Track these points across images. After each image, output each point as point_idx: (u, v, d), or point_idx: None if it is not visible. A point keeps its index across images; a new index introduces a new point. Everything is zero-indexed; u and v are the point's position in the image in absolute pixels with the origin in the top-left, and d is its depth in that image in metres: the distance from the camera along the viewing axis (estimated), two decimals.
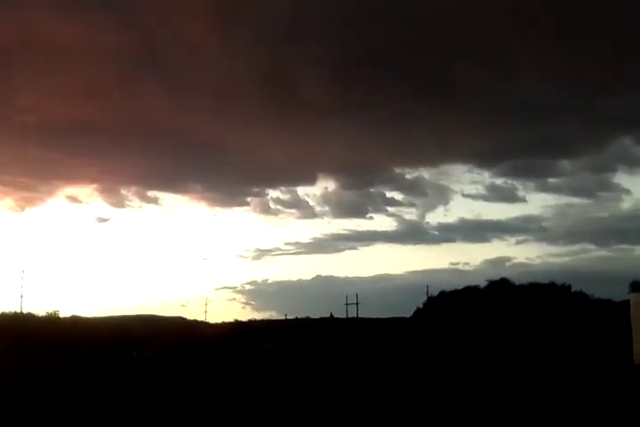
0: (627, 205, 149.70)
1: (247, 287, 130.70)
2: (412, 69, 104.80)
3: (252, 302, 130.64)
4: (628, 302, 53.64)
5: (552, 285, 73.59)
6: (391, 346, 71.88)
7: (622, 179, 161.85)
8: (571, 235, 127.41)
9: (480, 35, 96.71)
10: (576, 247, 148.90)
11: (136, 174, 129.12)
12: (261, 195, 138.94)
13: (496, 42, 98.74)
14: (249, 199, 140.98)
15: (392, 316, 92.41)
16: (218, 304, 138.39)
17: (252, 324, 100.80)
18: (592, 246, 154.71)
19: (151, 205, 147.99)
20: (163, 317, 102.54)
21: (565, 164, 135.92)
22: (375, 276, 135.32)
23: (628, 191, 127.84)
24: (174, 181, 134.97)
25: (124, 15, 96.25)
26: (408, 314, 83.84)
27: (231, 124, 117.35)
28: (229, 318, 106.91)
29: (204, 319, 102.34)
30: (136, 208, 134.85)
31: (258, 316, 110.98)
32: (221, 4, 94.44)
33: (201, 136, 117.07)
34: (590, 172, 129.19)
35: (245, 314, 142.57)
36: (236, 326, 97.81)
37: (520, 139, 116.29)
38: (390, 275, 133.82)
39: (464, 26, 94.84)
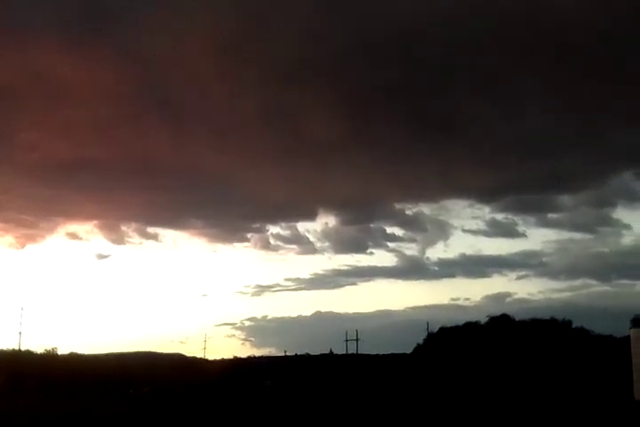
0: (627, 240, 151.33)
1: (247, 324, 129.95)
2: (412, 106, 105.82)
3: (252, 339, 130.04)
4: (628, 337, 53.11)
5: (553, 320, 72.79)
6: (391, 384, 70.95)
7: (622, 214, 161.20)
8: (571, 270, 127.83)
9: (481, 69, 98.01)
10: (577, 282, 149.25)
11: (136, 211, 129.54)
12: (261, 231, 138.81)
13: (497, 77, 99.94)
14: (249, 235, 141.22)
15: (392, 352, 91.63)
16: (217, 341, 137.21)
17: (251, 360, 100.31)
18: (593, 282, 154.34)
19: (151, 242, 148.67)
20: (162, 353, 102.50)
21: (565, 199, 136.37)
22: (375, 312, 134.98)
23: (628, 226, 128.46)
24: (175, 217, 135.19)
25: (128, 53, 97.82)
26: (408, 350, 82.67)
27: (232, 162, 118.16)
28: (228, 355, 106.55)
29: (203, 356, 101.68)
30: (136, 244, 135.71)
31: (257, 352, 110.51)
32: (227, 45, 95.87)
33: (202, 173, 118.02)
34: (591, 207, 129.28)
35: (245, 350, 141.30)
36: (236, 363, 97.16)
37: (520, 174, 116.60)
38: (390, 311, 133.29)
39: (465, 60, 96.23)
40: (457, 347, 71.11)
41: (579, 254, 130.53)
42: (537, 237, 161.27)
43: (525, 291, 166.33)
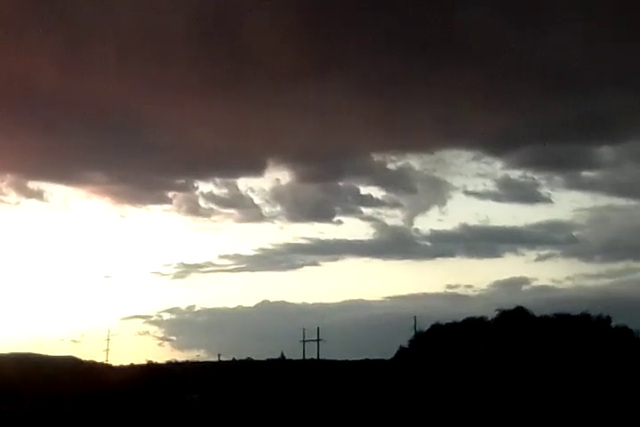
0: None
1: (166, 317, 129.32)
2: (401, 19, 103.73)
3: (173, 338, 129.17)
4: None
5: (585, 317, 72.73)
6: (363, 402, 70.85)
7: None
8: (611, 249, 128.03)
9: None
10: (619, 266, 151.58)
11: (12, 159, 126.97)
12: (188, 188, 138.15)
13: None
14: (170, 194, 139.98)
15: (366, 357, 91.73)
16: (124, 340, 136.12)
17: (171, 367, 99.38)
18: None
19: (33, 201, 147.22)
20: (46, 356, 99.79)
21: (607, 151, 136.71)
22: (343, 302, 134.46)
23: None
24: (66, 167, 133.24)
25: None
26: (388, 355, 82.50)
27: (148, 92, 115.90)
28: (140, 360, 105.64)
29: (104, 360, 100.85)
30: (12, 205, 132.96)
31: (180, 356, 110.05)
32: None
33: (105, 107, 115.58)
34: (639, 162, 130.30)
35: (163, 353, 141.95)
36: (150, 371, 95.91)
37: (546, 117, 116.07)
38: (364, 301, 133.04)
39: None
40: (454, 351, 71.28)
41: (622, 227, 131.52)
42: (566, 204, 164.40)
43: (549, 276, 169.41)
